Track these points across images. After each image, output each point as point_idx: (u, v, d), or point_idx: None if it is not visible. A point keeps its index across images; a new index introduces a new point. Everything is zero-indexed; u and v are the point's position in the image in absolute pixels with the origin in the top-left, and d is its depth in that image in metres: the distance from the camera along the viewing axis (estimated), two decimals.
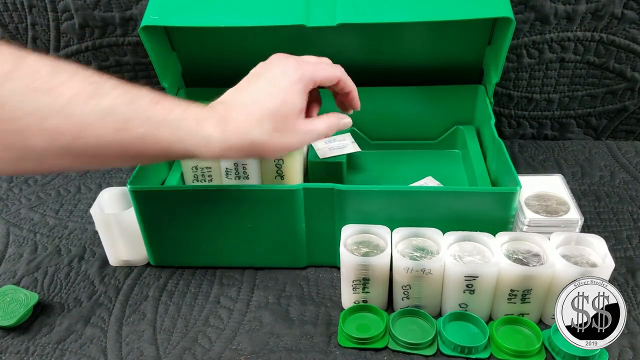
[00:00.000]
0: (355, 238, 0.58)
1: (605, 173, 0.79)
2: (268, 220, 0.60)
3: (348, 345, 0.54)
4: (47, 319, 0.60)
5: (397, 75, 0.77)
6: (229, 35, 0.74)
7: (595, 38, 0.78)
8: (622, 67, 0.80)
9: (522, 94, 0.85)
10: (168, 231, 0.62)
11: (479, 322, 0.55)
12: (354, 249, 0.56)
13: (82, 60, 0.87)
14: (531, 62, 0.81)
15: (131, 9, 0.81)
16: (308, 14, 0.64)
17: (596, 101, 0.84)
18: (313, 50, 0.75)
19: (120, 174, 0.83)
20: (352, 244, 0.57)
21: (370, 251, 0.56)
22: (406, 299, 0.57)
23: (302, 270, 0.64)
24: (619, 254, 0.64)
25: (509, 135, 0.89)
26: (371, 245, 0.57)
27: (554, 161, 0.82)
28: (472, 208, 0.58)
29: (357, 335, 0.54)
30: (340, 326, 0.55)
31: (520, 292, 0.54)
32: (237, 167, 0.68)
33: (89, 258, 0.67)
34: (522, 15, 0.77)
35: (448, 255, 0.54)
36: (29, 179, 0.83)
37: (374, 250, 0.56)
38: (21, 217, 0.75)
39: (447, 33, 0.72)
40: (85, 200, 0.78)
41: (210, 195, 0.59)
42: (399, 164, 0.78)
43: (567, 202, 0.62)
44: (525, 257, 0.54)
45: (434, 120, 0.78)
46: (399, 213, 0.58)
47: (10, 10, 0.84)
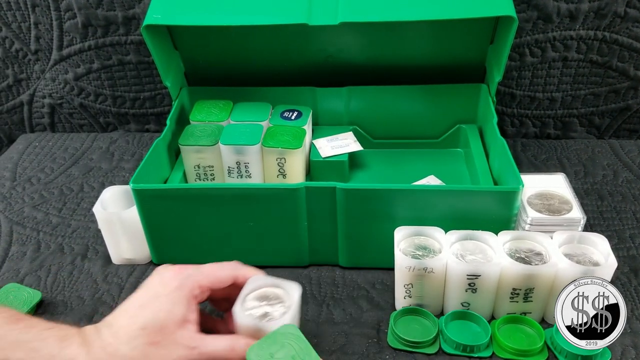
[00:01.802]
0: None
1: (608, 172, 0.79)
2: (270, 219, 0.60)
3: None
4: (50, 317, 0.60)
5: (400, 74, 0.77)
6: (231, 34, 0.74)
7: (598, 37, 0.78)
8: (625, 65, 0.80)
9: (525, 92, 0.84)
10: (170, 230, 0.62)
11: (481, 321, 0.55)
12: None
13: (85, 59, 0.87)
14: (534, 60, 0.81)
15: (134, 8, 0.81)
16: (310, 12, 0.64)
17: (599, 100, 0.84)
18: (315, 49, 0.75)
19: (123, 173, 0.83)
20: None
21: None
22: (408, 297, 0.57)
23: (304, 269, 0.64)
24: (621, 253, 0.64)
25: (512, 134, 0.89)
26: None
27: (557, 160, 0.82)
28: (474, 207, 0.57)
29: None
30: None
31: (523, 291, 0.54)
32: (239, 166, 0.68)
33: (92, 256, 0.68)
34: (524, 14, 0.77)
35: (450, 254, 0.54)
36: (31, 178, 0.83)
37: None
38: (24, 216, 0.75)
39: (449, 32, 0.72)
40: (88, 199, 0.78)
41: (213, 194, 0.59)
42: (401, 162, 0.78)
43: (570, 201, 0.62)
44: (528, 256, 0.54)
45: (437, 119, 0.78)
46: (401, 212, 0.58)
47: (13, 10, 0.84)
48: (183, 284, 0.46)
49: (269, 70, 0.78)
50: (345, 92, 0.77)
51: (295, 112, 0.73)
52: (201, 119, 0.73)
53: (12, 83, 0.92)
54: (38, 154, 0.89)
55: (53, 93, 0.92)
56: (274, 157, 0.68)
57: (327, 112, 0.79)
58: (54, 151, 0.90)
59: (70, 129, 0.97)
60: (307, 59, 0.76)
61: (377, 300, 0.60)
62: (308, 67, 0.77)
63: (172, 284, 0.46)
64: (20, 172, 0.85)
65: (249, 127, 0.70)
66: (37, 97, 0.93)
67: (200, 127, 0.71)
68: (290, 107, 0.74)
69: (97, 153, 0.89)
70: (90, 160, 0.87)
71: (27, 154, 0.90)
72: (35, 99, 0.94)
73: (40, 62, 0.89)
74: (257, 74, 0.78)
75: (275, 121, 0.72)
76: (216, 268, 0.49)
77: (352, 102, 0.77)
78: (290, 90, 0.77)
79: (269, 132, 0.69)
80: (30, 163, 0.87)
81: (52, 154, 0.89)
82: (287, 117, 0.73)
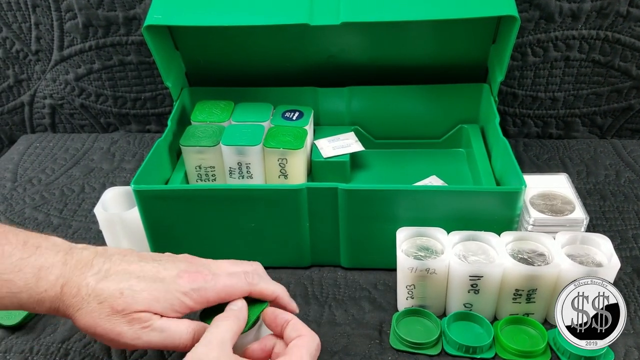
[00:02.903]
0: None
1: (611, 172, 0.79)
2: (272, 219, 0.60)
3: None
4: (52, 318, 0.59)
5: (401, 74, 0.76)
6: (232, 35, 0.74)
7: (600, 36, 0.78)
8: (627, 65, 0.80)
9: (527, 92, 0.84)
10: (172, 230, 0.62)
11: (483, 322, 0.54)
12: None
13: (85, 59, 0.87)
14: (536, 60, 0.81)
15: (135, 8, 0.81)
16: (311, 12, 0.64)
17: (601, 100, 0.84)
18: (316, 49, 0.75)
19: (124, 174, 0.83)
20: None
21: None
22: (410, 298, 0.56)
23: (305, 269, 0.64)
24: (624, 254, 0.64)
25: (514, 134, 0.89)
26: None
27: (559, 160, 0.82)
28: (476, 207, 0.57)
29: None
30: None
31: (525, 291, 0.54)
32: (240, 167, 0.68)
33: None
34: (526, 14, 0.77)
35: (452, 255, 0.54)
36: (32, 179, 0.83)
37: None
38: (25, 217, 0.75)
39: (451, 31, 0.72)
40: (89, 200, 0.78)
41: (214, 194, 0.59)
42: (403, 163, 0.78)
43: (573, 202, 0.62)
44: (530, 257, 0.54)
45: (438, 119, 0.78)
46: (403, 212, 0.58)
47: (14, 10, 0.84)
48: (190, 294, 0.45)
49: (270, 70, 0.78)
50: (347, 92, 0.77)
51: (297, 113, 0.73)
52: (202, 119, 0.72)
53: (13, 84, 0.92)
54: (39, 155, 0.89)
55: (54, 93, 0.92)
56: (275, 158, 0.68)
57: (329, 113, 0.78)
58: (54, 152, 0.90)
59: (71, 129, 0.97)
60: (308, 59, 0.76)
61: (379, 301, 0.60)
62: (309, 67, 0.77)
63: (181, 286, 0.44)
64: (21, 173, 0.85)
65: (250, 128, 0.70)
66: (38, 97, 0.93)
67: (201, 127, 0.71)
68: (291, 108, 0.74)
69: (98, 154, 0.89)
70: (91, 161, 0.87)
71: (27, 154, 0.90)
72: (36, 99, 0.94)
73: (41, 63, 0.89)
74: (258, 74, 0.78)
75: (276, 121, 0.72)
76: (232, 284, 0.46)
77: (353, 102, 0.77)
78: (292, 90, 0.77)
79: (271, 132, 0.69)
80: (31, 164, 0.87)
81: (53, 154, 0.89)
82: (289, 117, 0.72)
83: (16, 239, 0.44)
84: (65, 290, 0.43)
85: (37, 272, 0.43)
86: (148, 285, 0.44)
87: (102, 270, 0.44)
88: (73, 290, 0.43)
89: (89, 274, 0.44)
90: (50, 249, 0.45)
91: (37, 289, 0.43)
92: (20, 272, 0.43)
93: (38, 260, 0.43)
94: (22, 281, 0.42)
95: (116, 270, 0.45)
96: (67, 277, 0.43)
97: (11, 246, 0.43)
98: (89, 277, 0.44)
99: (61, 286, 0.43)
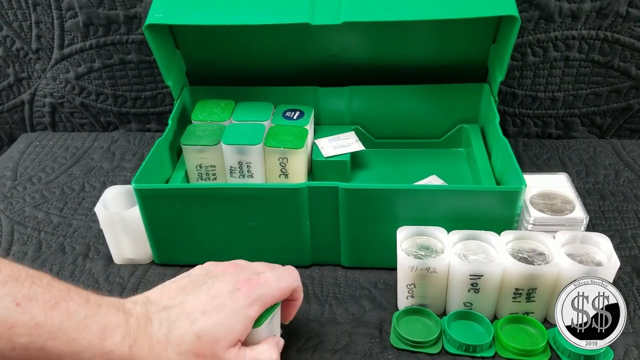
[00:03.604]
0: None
1: (610, 172, 0.79)
2: (272, 219, 0.60)
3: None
4: None
5: (402, 73, 0.76)
6: (233, 34, 0.74)
7: (600, 36, 0.78)
8: (626, 65, 0.80)
9: (527, 92, 0.84)
10: (172, 229, 0.62)
11: (483, 321, 0.55)
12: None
13: (86, 58, 0.87)
14: (536, 60, 0.81)
15: (135, 7, 0.81)
16: (312, 12, 0.64)
17: (601, 100, 0.84)
18: (317, 49, 0.75)
19: (125, 172, 0.83)
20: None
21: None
22: (411, 297, 0.57)
23: (306, 269, 0.64)
24: (624, 253, 0.64)
25: (513, 134, 0.89)
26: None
27: (559, 160, 0.82)
28: (476, 207, 0.57)
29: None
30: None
31: (525, 290, 0.54)
32: (241, 166, 0.68)
33: (94, 256, 0.68)
34: (526, 14, 0.77)
35: (453, 254, 0.54)
36: (32, 177, 0.83)
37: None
38: (25, 215, 0.75)
39: (451, 31, 0.72)
40: (90, 199, 0.78)
41: (215, 193, 0.59)
42: (403, 162, 0.78)
43: (572, 201, 0.62)
44: (530, 256, 0.54)
45: (438, 119, 0.78)
46: (403, 212, 0.58)
47: (14, 8, 0.84)
48: (253, 305, 0.45)
49: (271, 69, 0.78)
50: (348, 91, 0.77)
51: (297, 112, 0.73)
52: (203, 118, 0.73)
53: (13, 82, 0.92)
54: (39, 154, 0.89)
55: (54, 92, 0.92)
56: (276, 157, 0.68)
57: (329, 112, 0.78)
58: (55, 150, 0.90)
59: (71, 128, 0.97)
60: (309, 58, 0.76)
61: (380, 300, 0.60)
62: (310, 66, 0.77)
63: (242, 301, 0.44)
64: (21, 171, 0.85)
65: (251, 127, 0.70)
66: (38, 96, 0.93)
67: (202, 126, 0.71)
68: (292, 107, 0.74)
69: (98, 152, 0.89)
70: (92, 159, 0.87)
71: (28, 153, 0.90)
72: (36, 98, 0.94)
73: (41, 61, 0.89)
74: (259, 73, 0.78)
75: (277, 121, 0.72)
76: (285, 286, 0.48)
77: (354, 101, 0.77)
78: (292, 89, 0.77)
79: (271, 131, 0.69)
80: (31, 162, 0.87)
81: (53, 153, 0.89)
82: (289, 116, 0.73)
83: (79, 296, 0.42)
84: (134, 351, 0.41)
85: (103, 331, 0.41)
86: (216, 316, 0.43)
87: (163, 321, 0.43)
88: (144, 351, 0.42)
89: (154, 330, 0.43)
90: (110, 308, 0.43)
91: (102, 349, 0.41)
92: (85, 330, 0.40)
93: (102, 319, 0.41)
94: (86, 340, 0.40)
95: (176, 315, 0.43)
96: (133, 336, 0.42)
97: (75, 303, 0.41)
98: (156, 332, 0.42)
99: (129, 347, 0.41)
